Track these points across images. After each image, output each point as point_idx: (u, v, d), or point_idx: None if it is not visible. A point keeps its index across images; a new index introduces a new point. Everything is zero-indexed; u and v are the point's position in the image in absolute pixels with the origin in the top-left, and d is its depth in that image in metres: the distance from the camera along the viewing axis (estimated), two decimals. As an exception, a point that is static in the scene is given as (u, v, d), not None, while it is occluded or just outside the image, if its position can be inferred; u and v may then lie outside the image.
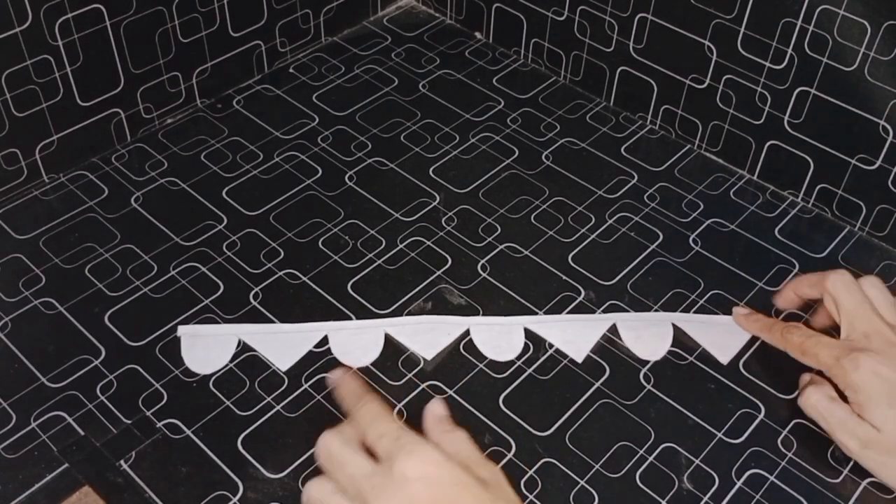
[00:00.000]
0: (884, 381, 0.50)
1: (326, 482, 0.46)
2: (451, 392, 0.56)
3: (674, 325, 0.60)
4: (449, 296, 0.62)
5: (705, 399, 0.57)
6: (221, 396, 0.56)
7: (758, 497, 0.52)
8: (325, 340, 0.58)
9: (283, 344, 0.58)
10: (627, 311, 0.61)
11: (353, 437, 0.47)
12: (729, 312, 0.61)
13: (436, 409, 0.50)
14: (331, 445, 0.46)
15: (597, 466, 0.53)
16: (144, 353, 0.58)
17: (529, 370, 0.58)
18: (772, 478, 0.53)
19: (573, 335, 0.60)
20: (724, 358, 0.59)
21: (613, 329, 0.60)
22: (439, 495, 0.43)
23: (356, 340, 0.58)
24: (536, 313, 0.61)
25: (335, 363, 0.58)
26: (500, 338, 0.59)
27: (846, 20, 0.60)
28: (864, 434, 0.51)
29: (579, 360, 0.58)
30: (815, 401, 0.53)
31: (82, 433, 0.53)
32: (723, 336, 0.60)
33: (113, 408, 0.55)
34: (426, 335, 0.59)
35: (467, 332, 0.59)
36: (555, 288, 0.63)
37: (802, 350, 0.55)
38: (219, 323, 0.59)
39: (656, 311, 0.61)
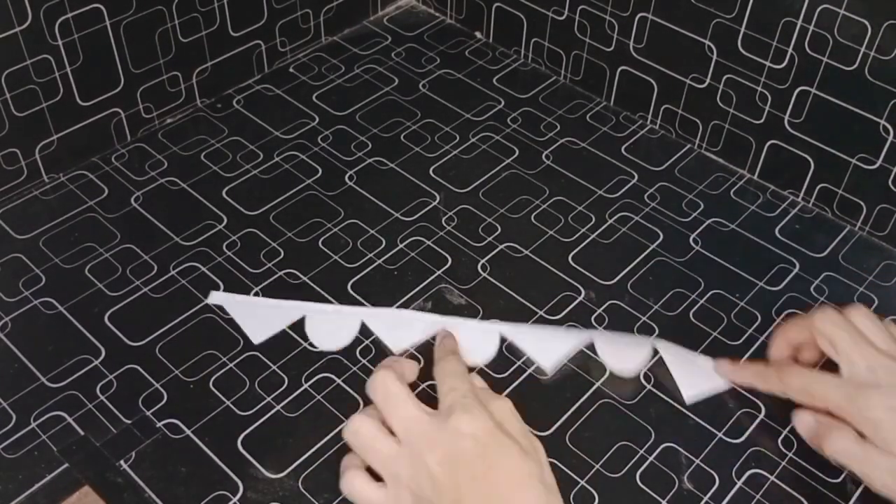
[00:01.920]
0: (848, 343, 0.51)
1: (372, 420, 0.49)
2: (451, 392, 0.56)
3: (654, 349, 0.58)
4: (449, 296, 0.62)
5: (705, 399, 0.57)
6: (221, 396, 0.56)
7: (758, 497, 0.52)
8: (302, 321, 0.59)
9: (262, 319, 0.59)
10: (605, 330, 0.60)
11: (405, 383, 0.50)
12: (725, 310, 0.61)
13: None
14: (389, 383, 0.49)
15: (597, 466, 0.53)
16: (144, 353, 0.58)
17: (529, 370, 0.58)
18: (772, 478, 0.53)
19: (546, 345, 0.58)
20: (689, 398, 0.56)
21: (591, 345, 0.59)
22: (483, 455, 0.45)
23: (332, 324, 0.59)
24: (536, 312, 0.61)
25: (334, 365, 0.58)
26: (472, 341, 0.58)
27: (847, 20, 0.60)
28: (847, 390, 0.50)
29: (545, 368, 0.57)
30: (849, 445, 0.50)
31: (82, 433, 0.53)
32: (692, 378, 0.57)
33: (113, 408, 0.55)
34: (398, 329, 0.59)
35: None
36: (555, 288, 0.63)
37: (809, 393, 0.52)
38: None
39: (640, 332, 0.60)
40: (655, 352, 0.58)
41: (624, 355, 0.58)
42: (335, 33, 0.84)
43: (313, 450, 0.53)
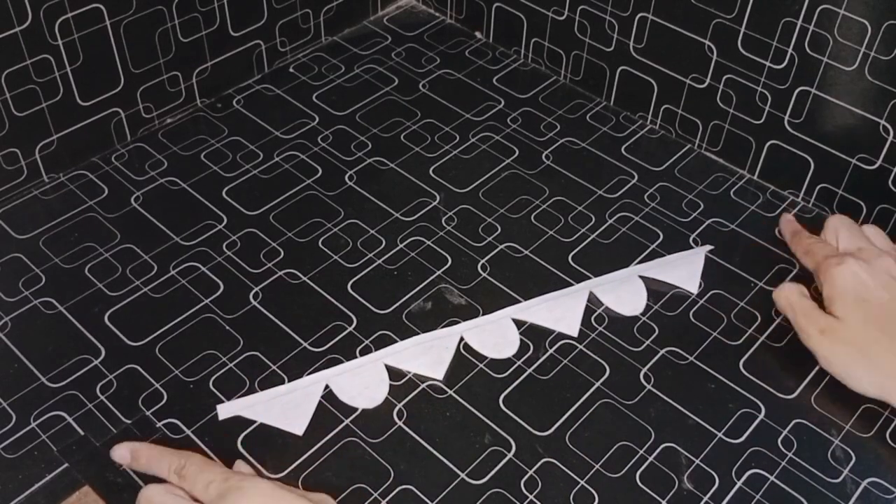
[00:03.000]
0: (859, 281, 0.56)
1: None
2: (451, 392, 0.56)
3: (641, 277, 0.63)
4: (449, 296, 0.62)
5: (705, 399, 0.57)
6: (221, 396, 0.56)
7: (758, 497, 0.52)
8: (328, 389, 0.56)
9: (287, 407, 0.55)
10: (597, 278, 0.63)
11: (176, 489, 0.48)
12: (725, 310, 0.61)
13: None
14: (152, 497, 0.47)
15: (597, 466, 0.53)
16: (144, 353, 0.58)
17: (529, 370, 0.58)
18: (772, 478, 0.53)
19: (561, 312, 0.61)
20: (694, 287, 0.63)
21: (593, 297, 0.62)
22: None
23: (360, 381, 0.56)
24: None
25: (334, 366, 0.58)
26: (494, 335, 0.59)
27: (846, 20, 0.60)
28: (825, 323, 0.56)
29: (574, 334, 0.60)
30: (788, 292, 0.59)
31: (82, 433, 0.53)
32: (683, 269, 0.64)
33: (113, 408, 0.55)
34: (426, 356, 0.58)
35: (462, 339, 0.59)
36: (555, 288, 0.63)
37: (806, 250, 0.62)
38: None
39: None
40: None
41: (626, 299, 0.62)
42: (335, 33, 0.84)
43: (313, 449, 0.53)
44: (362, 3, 0.85)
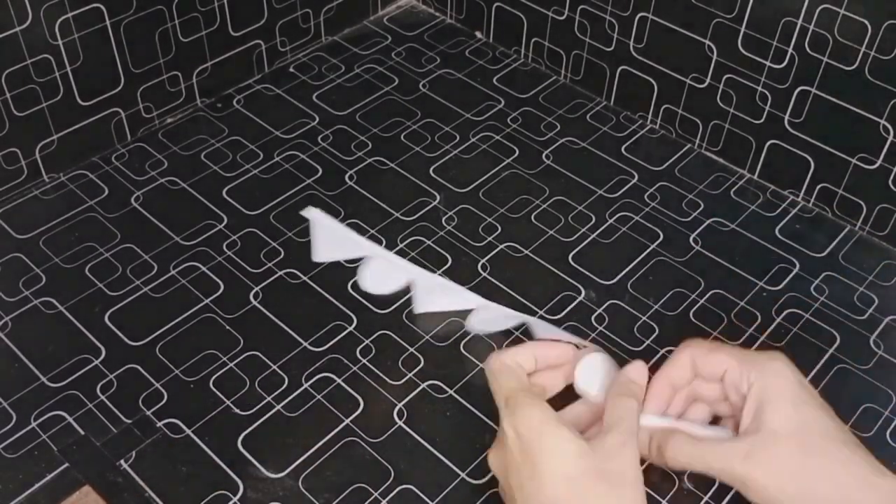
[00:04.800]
0: (789, 381, 0.47)
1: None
2: (451, 392, 0.56)
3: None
4: (449, 295, 0.62)
5: (705, 399, 0.57)
6: (221, 396, 0.56)
7: (758, 497, 0.52)
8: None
9: (330, 242, 0.64)
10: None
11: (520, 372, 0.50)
12: (725, 310, 0.61)
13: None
14: (499, 359, 0.49)
15: (597, 466, 0.53)
16: (144, 353, 0.58)
17: (529, 370, 0.58)
18: (772, 478, 0.53)
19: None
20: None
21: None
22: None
23: (383, 272, 0.62)
24: (536, 312, 0.61)
25: (334, 364, 0.58)
26: (495, 323, 0.60)
27: (847, 19, 0.60)
28: (743, 447, 0.46)
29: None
30: (684, 445, 0.48)
31: (82, 433, 0.53)
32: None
33: (113, 407, 0.55)
34: (432, 295, 0.61)
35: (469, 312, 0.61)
36: (555, 288, 0.63)
37: (709, 348, 0.50)
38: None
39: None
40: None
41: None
42: (335, 33, 0.84)
43: (313, 449, 0.53)
44: (362, 3, 0.85)
